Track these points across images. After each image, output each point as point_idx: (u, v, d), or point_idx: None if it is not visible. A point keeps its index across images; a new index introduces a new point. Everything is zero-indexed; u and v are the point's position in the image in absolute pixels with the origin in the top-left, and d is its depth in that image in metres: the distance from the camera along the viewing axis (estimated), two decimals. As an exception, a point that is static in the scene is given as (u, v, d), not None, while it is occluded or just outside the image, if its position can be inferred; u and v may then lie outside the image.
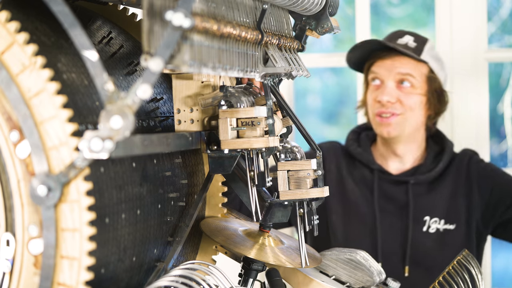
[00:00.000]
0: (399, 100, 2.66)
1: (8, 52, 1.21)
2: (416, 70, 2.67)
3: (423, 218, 2.70)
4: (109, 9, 1.78)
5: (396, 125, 2.67)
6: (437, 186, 2.73)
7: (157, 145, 1.31)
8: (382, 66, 2.68)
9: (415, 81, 2.66)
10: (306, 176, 1.62)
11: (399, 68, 2.66)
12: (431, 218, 2.70)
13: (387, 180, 2.73)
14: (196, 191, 1.72)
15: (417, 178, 2.72)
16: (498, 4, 4.04)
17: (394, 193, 2.72)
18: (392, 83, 2.66)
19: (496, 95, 3.98)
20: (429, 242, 2.68)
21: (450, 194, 2.72)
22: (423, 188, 2.73)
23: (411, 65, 2.67)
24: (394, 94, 2.65)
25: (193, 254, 1.79)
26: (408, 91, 2.66)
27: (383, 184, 2.73)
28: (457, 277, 1.89)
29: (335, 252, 1.82)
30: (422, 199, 2.72)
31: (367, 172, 2.75)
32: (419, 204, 2.71)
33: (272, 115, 1.56)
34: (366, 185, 2.74)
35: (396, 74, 2.66)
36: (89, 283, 1.22)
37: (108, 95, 1.16)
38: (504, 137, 4.05)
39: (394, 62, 2.67)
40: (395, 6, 4.16)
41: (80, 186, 1.19)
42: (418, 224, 2.69)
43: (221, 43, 1.38)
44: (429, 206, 2.71)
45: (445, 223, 2.70)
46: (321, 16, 1.76)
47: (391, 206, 2.71)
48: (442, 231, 2.69)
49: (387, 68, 2.67)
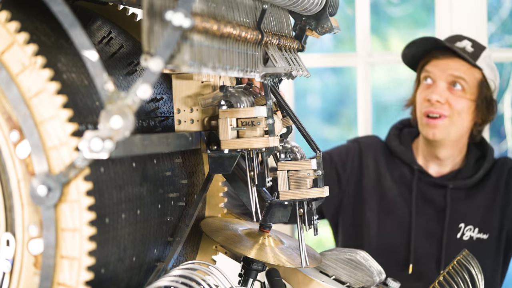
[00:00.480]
0: (448, 102, 2.63)
1: (8, 52, 1.21)
2: (469, 75, 2.65)
3: (458, 225, 2.67)
4: (109, 9, 1.78)
5: (442, 128, 2.63)
6: (475, 193, 2.70)
7: (157, 145, 1.31)
8: (436, 66, 2.65)
9: (467, 86, 2.64)
10: (306, 176, 1.62)
11: (453, 70, 2.63)
12: (466, 226, 2.67)
13: (426, 182, 2.70)
14: (196, 191, 1.72)
15: (456, 183, 2.69)
16: (498, 4, 4.04)
17: (432, 195, 2.69)
18: (443, 84, 2.63)
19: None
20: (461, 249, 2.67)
21: (487, 203, 2.69)
22: (461, 193, 2.69)
23: (465, 68, 2.64)
24: (444, 95, 2.62)
25: (193, 254, 1.79)
26: (459, 94, 2.63)
27: (422, 185, 2.70)
28: (457, 277, 1.89)
29: (335, 252, 1.82)
30: (459, 205, 2.68)
31: (406, 171, 2.72)
32: (456, 210, 2.67)
33: (272, 115, 1.56)
34: (405, 184, 2.71)
35: (449, 75, 2.63)
36: (89, 283, 1.22)
37: (108, 95, 1.16)
38: (504, 137, 4.05)
39: (448, 63, 2.64)
40: (395, 6, 4.16)
41: (80, 186, 1.19)
42: (452, 230, 2.67)
43: (221, 43, 1.38)
44: (465, 213, 2.68)
45: (479, 232, 2.68)
46: (321, 16, 1.76)
47: (428, 209, 2.68)
48: (475, 240, 2.67)
49: (441, 68, 2.64)
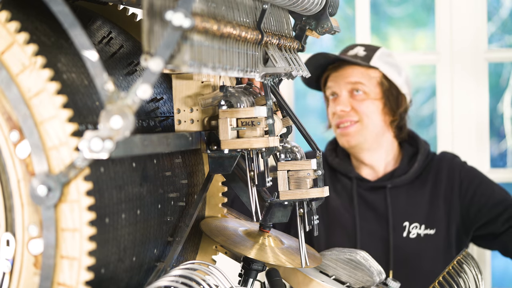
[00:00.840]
0: (353, 108, 2.67)
1: (8, 52, 1.21)
2: (366, 77, 2.68)
3: (402, 224, 2.69)
4: (109, 9, 1.78)
5: (354, 133, 2.68)
6: (416, 190, 2.72)
7: (157, 145, 1.31)
8: (335, 79, 2.70)
9: (367, 88, 2.68)
10: (306, 176, 1.62)
11: (349, 78, 2.68)
12: (411, 224, 2.69)
13: (365, 187, 2.73)
14: (196, 191, 1.72)
15: (393, 182, 2.71)
16: (498, 4, 4.05)
17: (373, 199, 2.72)
18: (345, 93, 2.68)
19: (496, 95, 3.98)
20: (410, 248, 2.67)
21: (430, 198, 2.71)
22: (401, 192, 2.71)
23: (360, 73, 2.68)
24: (347, 103, 2.67)
25: (193, 254, 1.79)
26: (361, 98, 2.68)
27: (362, 192, 2.73)
28: (457, 277, 1.89)
29: (335, 252, 1.82)
30: (400, 204, 2.71)
31: (346, 181, 2.75)
32: (398, 209, 2.70)
33: (272, 115, 1.56)
34: (347, 193, 2.74)
35: (347, 84, 2.68)
36: (89, 283, 1.22)
37: (108, 95, 1.16)
38: (504, 137, 4.06)
39: (344, 73, 2.69)
40: (395, 6, 4.16)
41: (80, 186, 1.19)
42: (398, 230, 2.68)
43: (221, 43, 1.38)
44: (407, 211, 2.70)
45: (426, 228, 2.69)
46: (321, 16, 1.76)
47: (370, 213, 2.71)
48: (423, 236, 2.68)
49: (339, 79, 2.69)
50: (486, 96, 3.24)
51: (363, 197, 2.73)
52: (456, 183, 2.70)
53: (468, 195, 2.69)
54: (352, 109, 2.67)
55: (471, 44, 3.23)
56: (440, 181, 2.71)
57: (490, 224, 2.67)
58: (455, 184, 2.70)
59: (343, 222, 2.71)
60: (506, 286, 4.09)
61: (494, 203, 2.66)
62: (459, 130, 3.24)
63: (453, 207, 2.69)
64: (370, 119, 2.68)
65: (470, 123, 3.24)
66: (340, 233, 2.71)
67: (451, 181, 2.71)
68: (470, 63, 3.24)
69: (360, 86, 2.67)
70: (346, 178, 2.76)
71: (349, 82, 2.67)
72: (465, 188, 2.69)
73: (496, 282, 3.86)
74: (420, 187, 2.72)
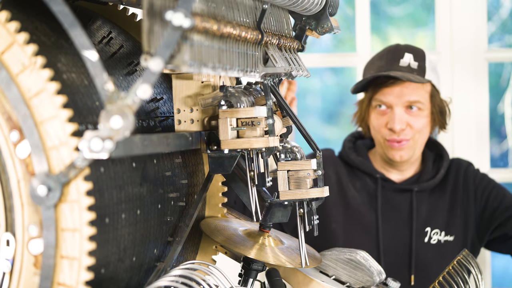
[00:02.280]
0: (408, 125, 2.62)
1: (8, 52, 1.21)
2: (421, 93, 2.64)
3: (424, 229, 2.68)
4: (109, 9, 1.78)
5: (408, 149, 2.64)
6: (437, 195, 2.71)
7: (157, 145, 1.31)
8: (390, 94, 2.62)
9: (422, 104, 2.63)
10: (306, 176, 1.62)
11: (408, 96, 2.61)
12: (432, 229, 2.68)
13: (390, 189, 2.71)
14: (196, 191, 1.72)
15: (420, 185, 2.69)
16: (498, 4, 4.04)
17: (398, 201, 2.69)
18: (401, 110, 2.62)
19: (496, 95, 3.98)
20: (430, 254, 2.66)
21: (449, 205, 2.70)
22: (424, 197, 2.70)
23: (418, 90, 2.63)
24: (404, 121, 2.62)
25: (193, 254, 1.79)
26: (416, 114, 2.63)
27: (386, 193, 2.70)
28: (457, 277, 1.89)
29: (335, 252, 1.82)
30: (423, 208, 2.69)
31: (369, 181, 2.72)
32: (421, 214, 2.68)
33: (272, 115, 1.56)
34: (369, 193, 2.71)
35: (406, 102, 2.62)
36: (89, 283, 1.22)
37: (108, 95, 1.16)
38: (505, 137, 4.05)
39: (402, 89, 2.62)
40: (395, 5, 4.16)
41: (80, 186, 1.19)
42: (420, 235, 2.67)
43: (221, 43, 1.38)
44: (429, 216, 2.69)
45: (446, 235, 2.69)
46: (321, 16, 1.76)
47: (394, 215, 2.69)
48: (443, 243, 2.68)
49: (396, 95, 2.62)
50: (486, 96, 3.24)
51: (387, 198, 2.70)
52: (471, 191, 2.71)
53: (482, 201, 2.70)
54: (408, 125, 2.62)
55: (471, 44, 3.23)
56: (458, 188, 2.71)
57: (501, 227, 2.68)
58: (470, 192, 2.71)
59: (365, 223, 2.69)
60: (506, 286, 4.09)
61: (506, 206, 2.68)
62: (459, 130, 3.24)
63: (469, 215, 2.69)
64: (421, 134, 2.65)
65: (470, 123, 3.24)
66: (360, 233, 2.68)
67: (466, 189, 2.71)
68: (470, 63, 3.24)
69: (418, 104, 2.62)
70: (368, 177, 2.72)
71: (408, 100, 2.61)
72: (480, 195, 2.70)
73: (496, 282, 3.86)
74: (440, 193, 2.71)
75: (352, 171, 2.75)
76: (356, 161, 2.73)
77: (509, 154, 4.11)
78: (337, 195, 2.70)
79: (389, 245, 2.66)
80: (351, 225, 2.69)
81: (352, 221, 2.69)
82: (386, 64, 2.66)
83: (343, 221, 2.69)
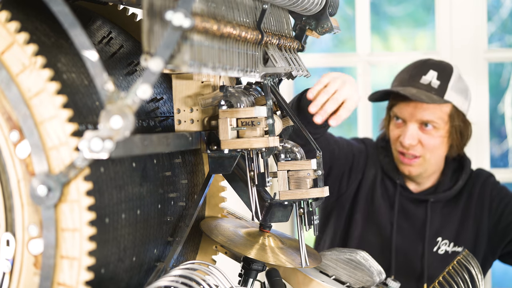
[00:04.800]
0: (420, 142, 2.61)
1: (8, 52, 1.21)
2: (439, 112, 2.62)
3: (436, 239, 2.68)
4: (109, 9, 1.78)
5: (417, 166, 2.64)
6: (450, 206, 2.70)
7: (157, 145, 1.31)
8: (405, 110, 2.61)
9: (438, 124, 2.61)
10: (306, 176, 1.62)
11: (422, 115, 2.60)
12: (443, 240, 2.68)
13: (407, 197, 2.70)
14: (196, 191, 1.72)
15: (437, 196, 2.68)
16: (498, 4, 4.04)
17: (413, 211, 2.69)
18: (414, 126, 2.60)
19: (496, 95, 3.98)
20: (437, 263, 2.66)
21: (461, 216, 2.69)
22: (438, 207, 2.70)
23: (433, 109, 2.61)
24: (415, 136, 2.60)
25: (193, 254, 1.79)
26: (431, 132, 2.61)
27: (403, 200, 2.70)
28: (457, 277, 1.89)
29: (335, 252, 1.82)
30: (437, 218, 2.69)
31: (390, 185, 2.72)
32: (434, 223, 2.68)
33: (272, 115, 1.56)
34: (388, 197, 2.72)
35: (419, 119, 2.60)
36: (89, 283, 1.22)
37: (108, 95, 1.16)
38: (505, 137, 4.05)
39: (416, 107, 2.60)
40: (395, 5, 4.16)
41: (80, 186, 1.19)
42: (431, 244, 2.67)
43: (221, 43, 1.38)
44: (441, 226, 2.68)
45: (454, 246, 2.68)
46: (321, 16, 1.76)
47: (408, 223, 2.69)
48: (450, 253, 2.67)
49: (410, 112, 2.61)
50: (486, 96, 3.24)
51: (403, 206, 2.70)
52: (486, 202, 2.69)
53: (497, 214, 2.68)
54: (419, 142, 2.61)
55: (471, 44, 3.23)
56: (472, 199, 2.69)
57: None
58: (485, 203, 2.69)
59: (381, 225, 2.69)
60: (506, 286, 4.09)
61: None
62: (459, 130, 3.23)
63: (481, 227, 2.68)
64: (434, 154, 2.63)
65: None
66: (374, 233, 2.69)
67: (481, 200, 2.69)
68: (470, 63, 3.23)
69: (432, 123, 2.60)
70: (390, 182, 2.72)
71: (421, 118, 2.59)
72: (495, 207, 2.69)
73: (496, 282, 3.85)
74: (454, 204, 2.70)
75: (383, 173, 2.75)
76: (383, 161, 2.73)
77: (509, 154, 4.11)
78: (368, 191, 2.71)
79: (400, 253, 2.66)
80: (369, 222, 2.70)
81: (371, 217, 2.71)
82: (408, 78, 2.65)
83: (363, 216, 2.70)
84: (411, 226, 2.68)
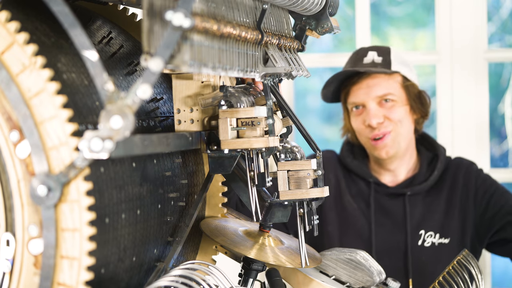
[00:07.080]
0: (386, 118, 2.63)
1: (8, 52, 1.21)
2: (391, 84, 2.65)
3: (418, 232, 2.67)
4: (109, 9, 1.78)
5: (392, 143, 2.65)
6: (432, 197, 2.70)
7: (157, 145, 1.31)
8: (359, 92, 2.65)
9: (395, 96, 2.64)
10: (306, 176, 1.62)
11: (376, 90, 2.63)
12: (426, 232, 2.68)
13: (383, 193, 2.70)
14: (196, 191, 1.72)
15: (413, 189, 2.68)
16: (498, 4, 4.05)
17: (390, 206, 2.69)
18: (374, 105, 2.63)
19: (496, 95, 3.98)
20: (424, 256, 2.66)
21: (445, 207, 2.69)
22: (418, 200, 2.69)
23: (385, 82, 2.65)
24: (380, 115, 2.63)
25: (193, 254, 1.79)
26: (391, 106, 2.64)
27: (379, 198, 2.70)
28: (457, 277, 1.89)
29: (335, 252, 1.82)
30: (417, 211, 2.68)
31: (363, 185, 2.72)
32: (415, 217, 2.68)
33: (272, 115, 1.56)
34: (363, 198, 2.71)
35: (376, 96, 2.63)
36: (89, 283, 1.22)
37: (108, 95, 1.16)
38: (505, 137, 4.06)
39: (368, 85, 2.64)
40: (395, 5, 4.16)
41: (80, 186, 1.19)
42: (414, 238, 2.67)
43: (221, 43, 1.38)
44: (424, 219, 2.68)
45: (440, 237, 2.68)
46: (321, 16, 1.76)
47: (387, 220, 2.69)
48: (437, 245, 2.67)
49: (364, 91, 2.64)
50: (486, 96, 3.24)
51: (380, 203, 2.70)
52: (472, 192, 2.69)
53: (483, 203, 2.68)
54: (386, 118, 2.63)
55: (471, 44, 3.23)
56: (456, 190, 2.70)
57: (502, 231, 2.67)
58: (470, 193, 2.69)
59: (358, 227, 2.68)
60: (506, 286, 4.09)
61: (507, 211, 2.66)
62: (459, 130, 3.24)
63: (467, 217, 2.68)
64: (403, 125, 2.65)
65: (470, 123, 3.23)
66: (354, 238, 2.68)
67: (466, 190, 2.70)
68: (470, 63, 3.23)
69: (389, 95, 2.63)
70: (363, 182, 2.73)
71: (376, 95, 2.63)
72: (480, 197, 2.68)
73: (496, 282, 3.86)
74: (436, 195, 2.70)
75: (349, 175, 2.75)
76: (352, 165, 2.74)
77: (509, 154, 4.11)
78: (334, 199, 2.71)
79: (383, 250, 2.65)
80: (345, 229, 2.70)
81: (346, 225, 2.70)
82: (351, 65, 2.71)
83: (338, 224, 2.70)
84: (392, 222, 2.68)
